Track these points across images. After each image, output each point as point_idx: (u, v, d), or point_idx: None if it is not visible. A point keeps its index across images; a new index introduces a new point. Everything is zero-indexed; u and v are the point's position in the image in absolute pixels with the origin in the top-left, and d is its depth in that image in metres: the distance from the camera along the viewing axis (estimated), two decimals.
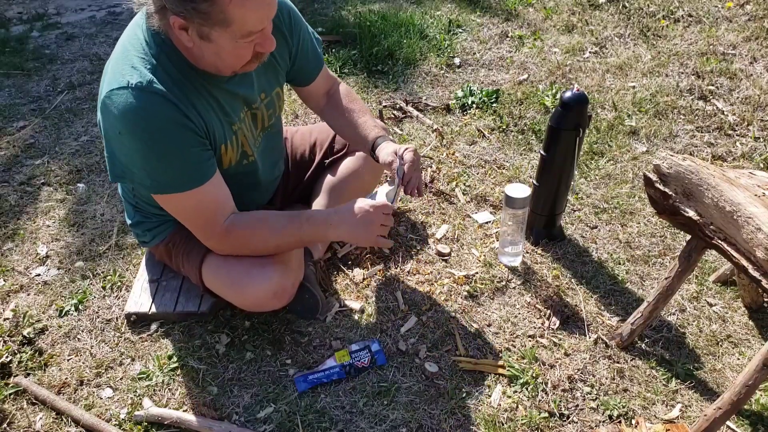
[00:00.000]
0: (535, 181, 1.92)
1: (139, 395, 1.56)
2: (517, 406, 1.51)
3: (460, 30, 3.33)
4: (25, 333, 1.71)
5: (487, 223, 2.08)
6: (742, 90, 2.67)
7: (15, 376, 1.61)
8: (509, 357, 1.63)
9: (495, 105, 2.68)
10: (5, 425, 1.49)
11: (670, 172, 1.43)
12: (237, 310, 1.74)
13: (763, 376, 1.27)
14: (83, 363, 1.65)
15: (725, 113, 2.54)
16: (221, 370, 1.62)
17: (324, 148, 1.92)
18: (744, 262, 1.29)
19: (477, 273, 1.88)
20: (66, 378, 1.61)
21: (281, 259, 1.54)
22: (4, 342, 1.68)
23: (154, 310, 1.74)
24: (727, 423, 1.44)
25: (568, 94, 1.72)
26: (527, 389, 1.55)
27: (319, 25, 3.42)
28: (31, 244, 2.06)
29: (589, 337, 1.69)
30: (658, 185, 1.47)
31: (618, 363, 1.62)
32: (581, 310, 1.76)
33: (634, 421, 1.47)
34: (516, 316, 1.75)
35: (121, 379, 1.61)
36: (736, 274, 1.75)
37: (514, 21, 3.39)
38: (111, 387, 1.59)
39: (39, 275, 1.93)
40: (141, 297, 1.77)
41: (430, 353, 1.65)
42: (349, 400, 1.54)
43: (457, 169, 2.32)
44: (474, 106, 2.69)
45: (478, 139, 2.50)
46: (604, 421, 1.48)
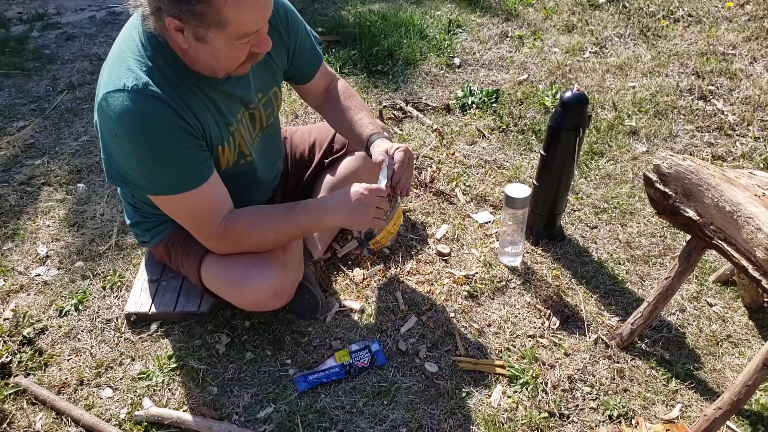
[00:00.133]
0: (535, 181, 1.92)
1: (139, 395, 1.56)
2: (517, 406, 1.51)
3: (460, 30, 3.33)
4: (25, 333, 1.71)
5: (487, 223, 2.08)
6: (742, 90, 2.67)
7: (15, 376, 1.61)
8: (509, 357, 1.63)
9: (495, 105, 2.68)
10: (5, 425, 1.49)
11: (670, 172, 1.43)
12: (237, 310, 1.74)
13: (763, 376, 1.27)
14: (83, 363, 1.65)
15: (725, 113, 2.54)
16: (221, 370, 1.62)
17: (323, 148, 1.92)
18: (744, 262, 1.29)
19: (477, 273, 1.88)
20: (66, 378, 1.61)
21: (280, 259, 1.54)
22: (4, 342, 1.68)
23: (154, 310, 1.74)
24: (727, 423, 1.44)
25: (568, 94, 1.72)
26: (527, 389, 1.55)
27: (319, 25, 3.42)
28: (31, 244, 2.06)
29: (589, 337, 1.69)
30: (658, 185, 1.47)
31: (618, 363, 1.62)
32: (581, 310, 1.76)
33: (634, 421, 1.47)
34: (516, 316, 1.75)
35: (121, 379, 1.61)
36: (736, 274, 1.75)
37: (514, 21, 3.39)
38: (111, 387, 1.59)
39: (39, 275, 1.93)
40: (141, 297, 1.77)
41: (430, 353, 1.65)
42: (349, 400, 1.54)
43: (457, 169, 2.32)
44: (474, 106, 2.69)
45: (478, 139, 2.50)
46: (604, 421, 1.48)
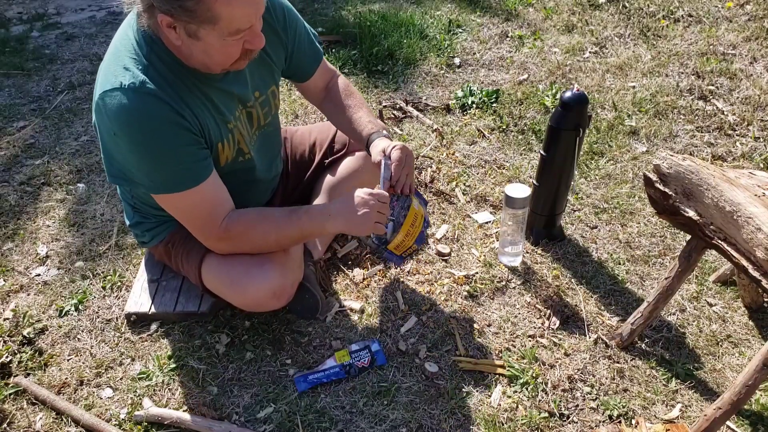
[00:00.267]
0: (535, 181, 1.92)
1: (139, 395, 1.56)
2: (517, 406, 1.51)
3: (460, 30, 3.33)
4: (25, 333, 1.71)
5: (487, 223, 2.08)
6: (742, 90, 2.67)
7: (15, 376, 1.61)
8: (509, 357, 1.63)
9: (495, 105, 2.68)
10: (5, 425, 1.49)
11: (670, 172, 1.43)
12: (237, 310, 1.74)
13: (763, 376, 1.27)
14: (83, 363, 1.65)
15: (725, 113, 2.54)
16: (221, 370, 1.62)
17: (324, 148, 1.92)
18: (744, 262, 1.29)
19: (477, 273, 1.88)
20: (66, 378, 1.61)
21: (281, 259, 1.54)
22: (4, 342, 1.68)
23: (154, 310, 1.74)
24: (727, 423, 1.44)
25: (568, 94, 1.72)
26: (527, 389, 1.55)
27: (319, 25, 3.42)
28: (31, 244, 2.06)
29: (589, 337, 1.69)
30: (658, 185, 1.46)
31: (618, 363, 1.62)
32: (581, 310, 1.76)
33: (634, 421, 1.47)
34: (516, 316, 1.75)
35: (121, 379, 1.61)
36: (736, 274, 1.75)
37: (514, 21, 3.39)
38: (111, 387, 1.59)
39: (39, 275, 1.93)
40: (141, 297, 1.77)
41: (430, 353, 1.65)
42: (349, 400, 1.54)
43: (457, 169, 2.32)
44: (474, 106, 2.69)
45: (478, 139, 2.50)
46: (604, 421, 1.48)
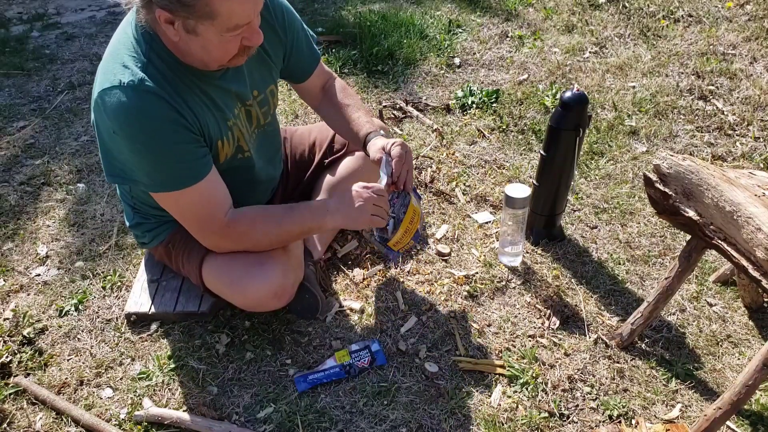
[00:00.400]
0: (535, 181, 1.92)
1: (139, 395, 1.56)
2: (517, 406, 1.51)
3: (460, 30, 3.33)
4: (25, 333, 1.71)
5: (487, 223, 2.08)
6: (742, 90, 2.67)
7: (15, 376, 1.61)
8: (509, 357, 1.63)
9: (495, 105, 2.68)
10: (5, 425, 1.49)
11: (670, 172, 1.43)
12: (237, 310, 1.74)
13: (763, 376, 1.27)
14: (83, 363, 1.65)
15: (725, 113, 2.54)
16: (221, 370, 1.62)
17: (323, 148, 1.92)
18: (744, 262, 1.29)
19: (477, 273, 1.88)
20: (66, 378, 1.61)
21: (281, 259, 1.54)
22: (4, 342, 1.68)
23: (154, 310, 1.74)
24: (727, 423, 1.44)
25: (568, 94, 1.72)
26: (527, 389, 1.55)
27: (319, 25, 3.42)
28: (31, 244, 2.06)
29: (589, 337, 1.69)
30: (658, 185, 1.46)
31: (618, 363, 1.62)
32: (581, 310, 1.76)
33: (634, 421, 1.47)
34: (516, 316, 1.75)
35: (121, 379, 1.61)
36: (736, 274, 1.75)
37: (514, 21, 3.39)
38: (111, 387, 1.59)
39: (39, 275, 1.93)
40: (141, 297, 1.77)
41: (430, 353, 1.65)
42: (349, 400, 1.54)
43: (457, 169, 2.32)
44: (474, 106, 2.69)
45: (478, 139, 2.50)
46: (604, 421, 1.48)
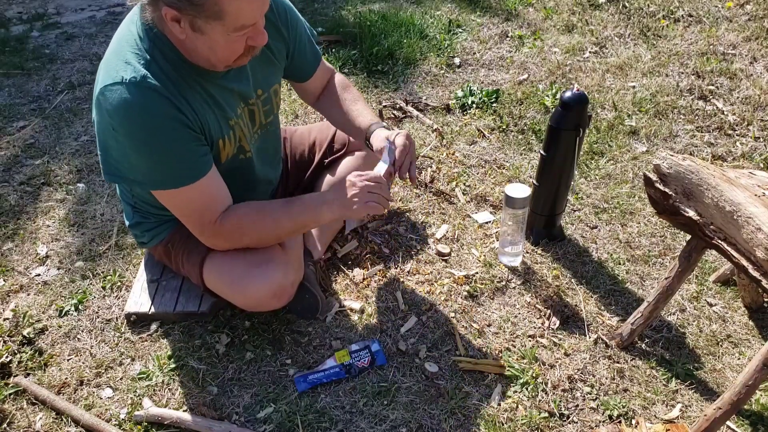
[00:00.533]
0: (535, 181, 1.92)
1: (139, 395, 1.56)
2: (517, 406, 1.51)
3: (460, 30, 3.33)
4: (25, 333, 1.71)
5: (487, 223, 2.08)
6: (742, 90, 2.67)
7: (15, 376, 1.61)
8: (509, 357, 1.63)
9: (495, 105, 2.68)
10: (5, 425, 1.49)
11: (670, 172, 1.43)
12: (237, 310, 1.74)
13: (763, 376, 1.27)
14: (83, 363, 1.65)
15: (725, 113, 2.54)
16: (221, 370, 1.62)
17: (323, 148, 1.92)
18: (744, 262, 1.29)
19: (477, 273, 1.88)
20: (66, 378, 1.61)
21: (282, 259, 1.54)
22: (4, 342, 1.68)
23: (154, 310, 1.74)
24: (727, 423, 1.44)
25: (568, 94, 1.72)
26: (527, 389, 1.55)
27: (319, 25, 3.42)
28: (31, 244, 2.06)
29: (589, 337, 1.69)
30: (658, 185, 1.46)
31: (618, 363, 1.62)
32: (581, 310, 1.76)
33: (634, 421, 1.47)
34: (516, 316, 1.75)
35: (121, 379, 1.61)
36: (736, 274, 1.75)
37: (514, 21, 3.39)
38: (111, 387, 1.59)
39: (39, 275, 1.93)
40: (141, 297, 1.77)
41: (430, 353, 1.65)
42: (349, 400, 1.54)
43: (457, 169, 2.32)
44: (474, 106, 2.69)
45: (478, 139, 2.50)
46: (604, 421, 1.48)
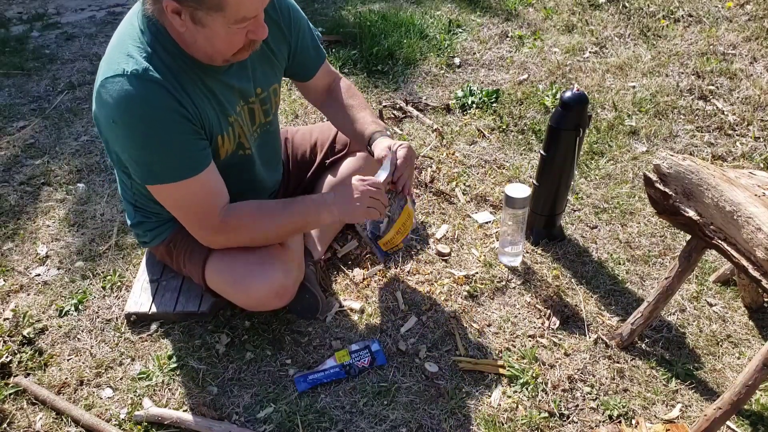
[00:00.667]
0: (535, 181, 1.92)
1: (139, 395, 1.56)
2: (517, 406, 1.51)
3: (460, 30, 3.33)
4: (25, 333, 1.71)
5: (487, 223, 2.08)
6: (742, 90, 2.67)
7: (15, 376, 1.61)
8: (509, 357, 1.63)
9: (495, 105, 2.68)
10: (5, 425, 1.49)
11: (670, 172, 1.43)
12: (237, 310, 1.74)
13: (763, 376, 1.27)
14: (83, 363, 1.65)
15: (725, 113, 2.54)
16: (221, 370, 1.62)
17: (325, 149, 1.92)
18: (744, 262, 1.29)
19: (477, 273, 1.88)
20: (66, 378, 1.61)
21: (283, 258, 1.54)
22: (4, 342, 1.68)
23: (154, 310, 1.74)
24: (727, 423, 1.44)
25: (568, 94, 1.72)
26: (527, 389, 1.55)
27: (319, 25, 3.42)
28: (31, 244, 2.06)
29: (589, 337, 1.69)
30: (658, 185, 1.47)
31: (618, 363, 1.62)
32: (581, 310, 1.76)
33: (634, 421, 1.47)
34: (516, 316, 1.75)
35: (121, 379, 1.61)
36: (736, 274, 1.75)
37: (514, 21, 3.39)
38: (111, 387, 1.59)
39: (39, 275, 1.93)
40: (141, 297, 1.77)
41: (430, 353, 1.65)
42: (349, 400, 1.54)
43: (457, 169, 2.32)
44: (474, 106, 2.69)
45: (478, 139, 2.50)
46: (604, 421, 1.48)
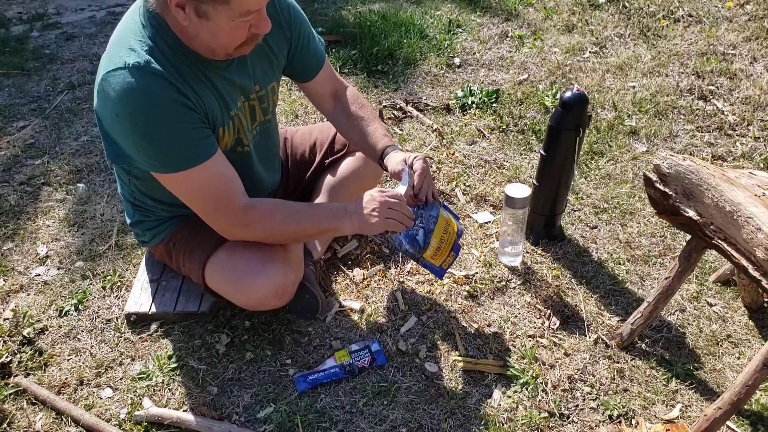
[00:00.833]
0: (535, 181, 1.92)
1: (139, 395, 1.56)
2: (517, 406, 1.51)
3: (460, 30, 3.33)
4: (25, 333, 1.71)
5: (487, 223, 2.08)
6: (742, 90, 2.67)
7: (15, 376, 1.61)
8: (509, 357, 1.63)
9: (495, 105, 2.68)
10: (5, 425, 1.49)
11: (670, 172, 1.43)
12: (237, 309, 1.74)
13: (763, 376, 1.27)
14: (83, 363, 1.65)
15: (725, 113, 2.55)
16: (221, 370, 1.62)
17: (324, 148, 1.92)
18: (744, 262, 1.29)
19: (477, 273, 1.88)
20: (66, 378, 1.61)
21: (283, 258, 1.54)
22: (4, 342, 1.68)
23: (154, 310, 1.74)
24: (727, 423, 1.44)
25: (568, 94, 1.72)
26: (527, 389, 1.55)
27: (319, 25, 3.42)
28: (31, 244, 2.06)
29: (589, 337, 1.69)
30: (658, 185, 1.47)
31: (618, 363, 1.62)
32: (581, 310, 1.76)
33: (634, 421, 1.47)
34: (516, 316, 1.75)
35: (121, 379, 1.61)
36: (736, 274, 1.75)
37: (514, 21, 3.39)
38: (111, 387, 1.59)
39: (39, 275, 1.93)
40: (141, 297, 1.77)
41: (430, 353, 1.65)
42: (349, 400, 1.54)
43: (457, 169, 2.32)
44: (474, 106, 2.69)
45: (478, 139, 2.50)
46: (604, 421, 1.48)
